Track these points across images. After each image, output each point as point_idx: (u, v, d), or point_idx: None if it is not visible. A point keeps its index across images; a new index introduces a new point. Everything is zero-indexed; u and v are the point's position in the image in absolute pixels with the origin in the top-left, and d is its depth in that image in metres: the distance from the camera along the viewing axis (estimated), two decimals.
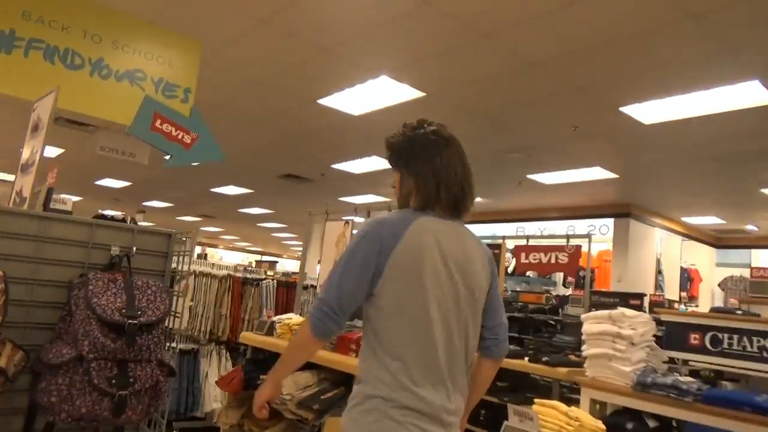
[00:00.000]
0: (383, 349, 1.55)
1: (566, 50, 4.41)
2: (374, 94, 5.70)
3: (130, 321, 1.64)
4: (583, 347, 3.45)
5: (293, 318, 4.23)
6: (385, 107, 6.03)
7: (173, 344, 5.10)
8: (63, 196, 3.31)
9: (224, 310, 5.13)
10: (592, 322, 3.40)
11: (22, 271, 1.93)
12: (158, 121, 4.01)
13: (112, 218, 2.17)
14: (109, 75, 3.86)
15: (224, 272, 5.27)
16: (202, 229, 22.07)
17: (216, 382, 4.43)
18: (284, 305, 5.62)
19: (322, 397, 3.25)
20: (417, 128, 1.77)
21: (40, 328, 1.91)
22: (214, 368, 5.09)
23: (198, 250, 23.29)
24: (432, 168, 1.68)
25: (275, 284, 5.62)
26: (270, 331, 4.20)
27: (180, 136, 4.12)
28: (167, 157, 4.10)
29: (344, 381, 3.52)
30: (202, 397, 4.98)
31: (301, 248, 22.29)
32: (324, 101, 6.04)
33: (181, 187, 12.59)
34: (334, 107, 6.19)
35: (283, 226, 17.89)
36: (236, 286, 5.27)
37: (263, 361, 4.00)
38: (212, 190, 12.34)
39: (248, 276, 5.72)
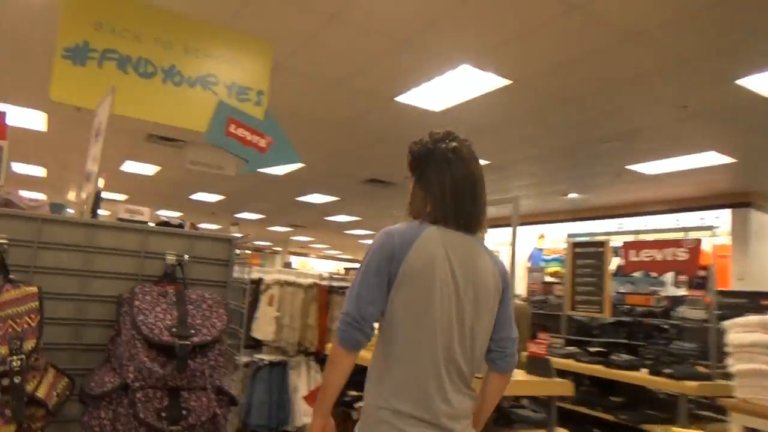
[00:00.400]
0: (392, 356, 1.59)
1: (671, 18, 3.83)
2: (455, 87, 5.32)
3: (181, 342, 1.38)
4: (729, 361, 2.85)
5: None
6: (467, 100, 5.63)
7: (262, 356, 4.95)
8: (141, 207, 3.18)
9: (311, 320, 4.91)
10: (740, 331, 2.79)
11: (69, 286, 1.74)
12: (233, 126, 3.86)
13: (167, 224, 1.95)
14: (182, 81, 3.73)
15: (309, 281, 5.06)
16: (293, 239, 22.48)
17: (303, 397, 4.20)
18: None
19: None
20: (439, 141, 1.77)
21: (90, 350, 1.71)
22: (303, 380, 4.88)
23: (294, 259, 23.79)
24: (441, 185, 1.69)
25: None
26: None
27: (255, 141, 3.94)
28: (244, 164, 3.95)
29: None
30: (292, 411, 4.78)
31: None
32: (401, 98, 5.73)
33: (269, 198, 12.75)
34: (413, 104, 5.87)
35: (370, 232, 17.79)
36: (322, 295, 5.04)
37: (351, 374, 3.70)
38: (298, 199, 12.39)
39: (334, 284, 5.48)
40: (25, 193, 2.00)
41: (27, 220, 1.72)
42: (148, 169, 10.50)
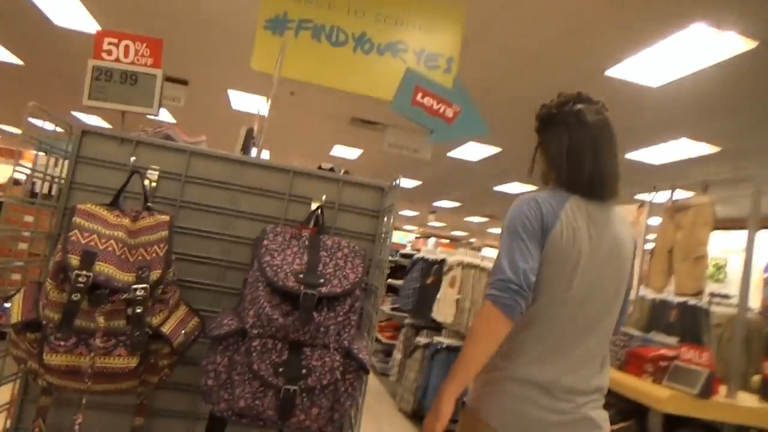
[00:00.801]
0: (529, 330, 1.50)
1: None
2: (680, 55, 4.48)
3: (306, 291, 1.18)
4: None
5: None
6: (695, 72, 4.72)
7: (441, 338, 4.74)
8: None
9: None
10: None
11: (214, 225, 1.67)
12: (419, 95, 3.68)
13: (320, 167, 1.80)
14: (372, 49, 3.66)
15: None
16: (489, 231, 22.09)
17: None
18: None
19: None
20: (564, 104, 1.68)
21: (232, 293, 1.63)
22: None
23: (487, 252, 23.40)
24: (559, 152, 1.62)
25: None
26: None
27: (442, 110, 3.72)
28: (431, 135, 3.75)
29: (635, 411, 2.63)
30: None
31: None
32: (613, 72, 5.03)
33: (466, 186, 12.56)
34: (626, 78, 5.12)
35: None
36: None
37: None
38: (496, 188, 11.99)
39: None
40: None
41: (177, 153, 1.69)
42: (353, 153, 11.02)
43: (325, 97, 7.55)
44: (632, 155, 7.46)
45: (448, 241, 22.76)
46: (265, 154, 10.29)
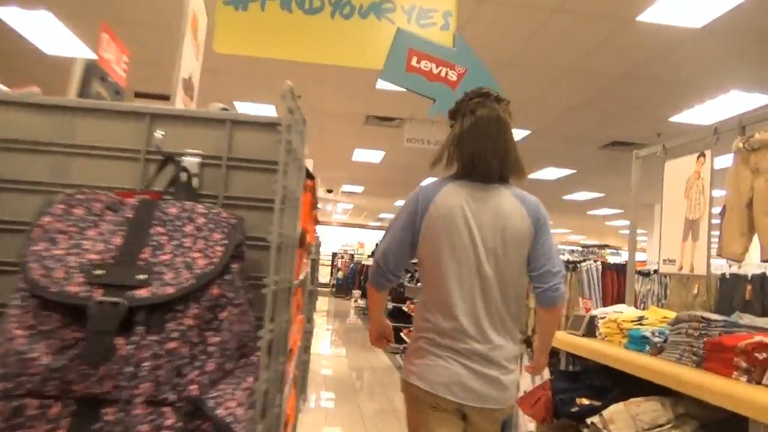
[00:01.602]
0: (426, 299, 1.85)
1: None
2: None
3: (103, 298, 0.60)
4: None
5: (624, 311, 2.75)
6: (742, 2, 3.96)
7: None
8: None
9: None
10: None
11: (30, 207, 1.09)
12: (414, 59, 3.08)
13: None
14: (352, 12, 3.09)
15: None
16: None
17: (517, 401, 3.22)
18: (615, 295, 4.08)
19: None
20: (466, 100, 1.92)
21: None
22: (526, 376, 3.89)
23: None
24: (453, 141, 1.88)
25: (600, 268, 4.12)
26: (590, 329, 2.82)
27: (443, 74, 3.11)
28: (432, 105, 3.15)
29: (725, 423, 1.94)
30: (515, 416, 3.84)
31: (645, 238, 19.37)
32: (645, 17, 4.31)
33: None
34: (662, 22, 4.39)
35: (618, 211, 15.59)
36: None
37: (580, 375, 2.63)
38: (531, 176, 11.19)
39: (562, 258, 4.36)
40: None
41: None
42: (375, 156, 10.46)
43: (333, 97, 7.02)
44: (677, 118, 6.64)
45: None
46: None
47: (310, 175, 1.93)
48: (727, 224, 2.30)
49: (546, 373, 3.94)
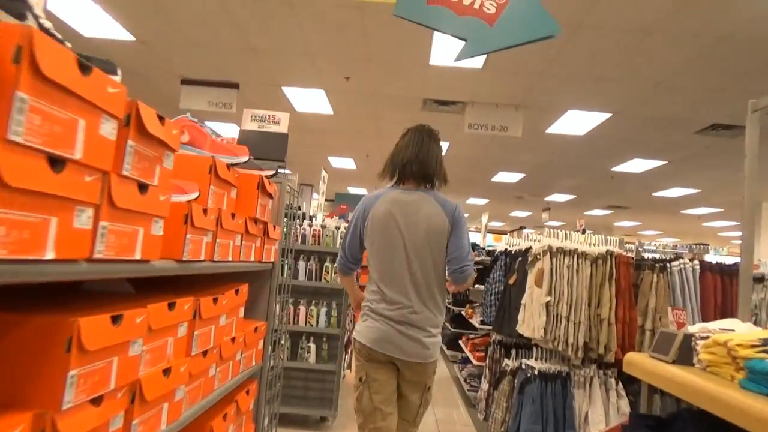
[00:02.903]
0: (372, 278, 2.35)
1: None
2: None
3: None
4: None
5: (736, 330, 1.86)
6: None
7: (531, 362, 3.26)
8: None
9: (605, 310, 2.99)
10: None
11: None
12: None
13: None
14: None
15: (600, 249, 3.14)
16: (616, 224, 19.45)
17: None
18: (719, 305, 3.10)
19: None
20: (407, 132, 2.49)
21: None
22: (597, 407, 3.01)
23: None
24: (390, 160, 2.44)
25: (698, 268, 3.16)
26: (684, 354, 1.93)
27: (477, 4, 2.33)
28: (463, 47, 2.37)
29: None
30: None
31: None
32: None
33: (577, 171, 10.65)
34: None
35: (717, 210, 13.83)
36: (623, 271, 3.06)
37: (667, 424, 1.77)
38: (615, 169, 9.98)
39: (646, 256, 3.42)
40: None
41: None
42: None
43: (384, 77, 6.32)
44: None
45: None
46: (349, 162, 9.40)
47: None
48: None
49: (624, 404, 3.02)
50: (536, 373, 3.10)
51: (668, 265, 3.11)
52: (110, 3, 5.07)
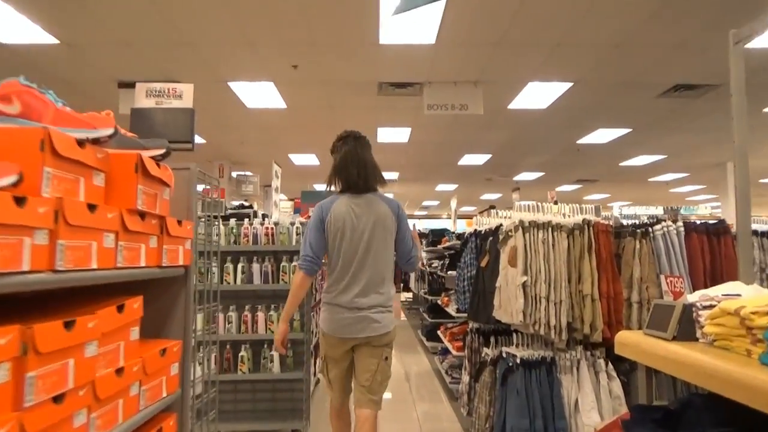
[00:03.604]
0: (331, 273, 2.70)
1: None
2: None
3: None
4: None
5: (742, 293, 1.58)
6: None
7: (512, 350, 2.97)
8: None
9: (587, 286, 2.70)
10: None
11: None
12: None
13: None
14: None
15: (576, 219, 2.84)
16: (586, 198, 19.42)
17: None
18: (708, 269, 2.83)
19: None
20: (338, 139, 2.82)
21: None
22: (587, 392, 2.71)
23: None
24: (334, 167, 2.77)
25: (682, 231, 2.89)
26: (686, 328, 1.64)
27: None
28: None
29: None
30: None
31: (719, 205, 17.41)
32: None
33: (543, 146, 10.44)
34: None
35: (683, 175, 13.82)
36: (603, 241, 2.77)
37: (676, 416, 1.46)
38: (580, 141, 9.80)
39: (626, 222, 3.14)
40: None
41: None
42: (401, 135, 9.34)
43: (334, 62, 5.95)
44: (759, 43, 5.18)
45: None
46: (311, 158, 9.10)
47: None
48: None
49: (616, 386, 2.74)
50: (518, 361, 2.79)
51: (650, 229, 2.83)
52: (24, 3, 4.58)
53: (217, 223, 4.07)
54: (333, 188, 2.77)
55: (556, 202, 3.45)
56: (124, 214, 1.16)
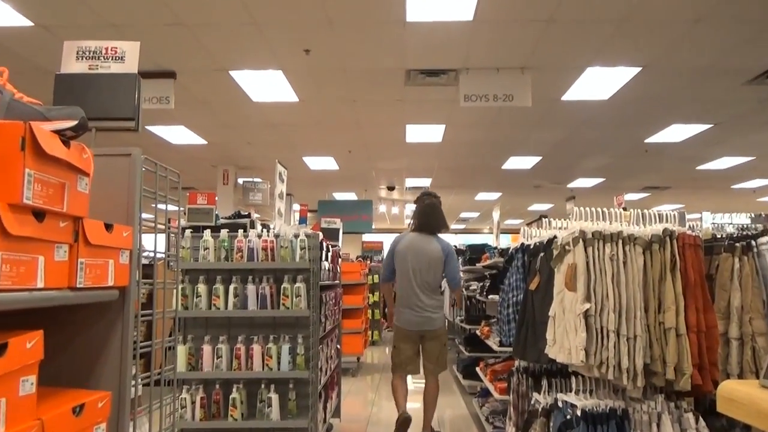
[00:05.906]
0: (398, 289, 4.84)
1: None
2: None
3: None
4: None
5: None
6: None
7: (569, 397, 2.65)
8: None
9: (670, 316, 2.36)
10: None
11: None
12: None
13: None
14: None
15: (654, 229, 2.52)
16: (656, 210, 18.80)
17: None
18: None
19: None
20: (421, 196, 5.00)
21: None
22: None
23: None
24: (414, 215, 4.98)
25: None
26: None
27: None
28: None
29: None
30: None
31: None
32: None
33: (604, 146, 10.08)
34: None
35: None
36: (691, 258, 2.44)
37: None
38: (649, 140, 9.42)
39: (720, 235, 2.79)
40: None
41: None
42: (434, 133, 9.08)
43: (353, 45, 5.74)
44: None
45: None
46: (329, 162, 9.37)
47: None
48: None
49: None
50: (578, 413, 2.47)
51: (754, 243, 2.49)
52: None
53: (203, 234, 3.89)
54: (410, 225, 4.96)
55: (625, 209, 3.13)
56: (3, 211, 0.91)
